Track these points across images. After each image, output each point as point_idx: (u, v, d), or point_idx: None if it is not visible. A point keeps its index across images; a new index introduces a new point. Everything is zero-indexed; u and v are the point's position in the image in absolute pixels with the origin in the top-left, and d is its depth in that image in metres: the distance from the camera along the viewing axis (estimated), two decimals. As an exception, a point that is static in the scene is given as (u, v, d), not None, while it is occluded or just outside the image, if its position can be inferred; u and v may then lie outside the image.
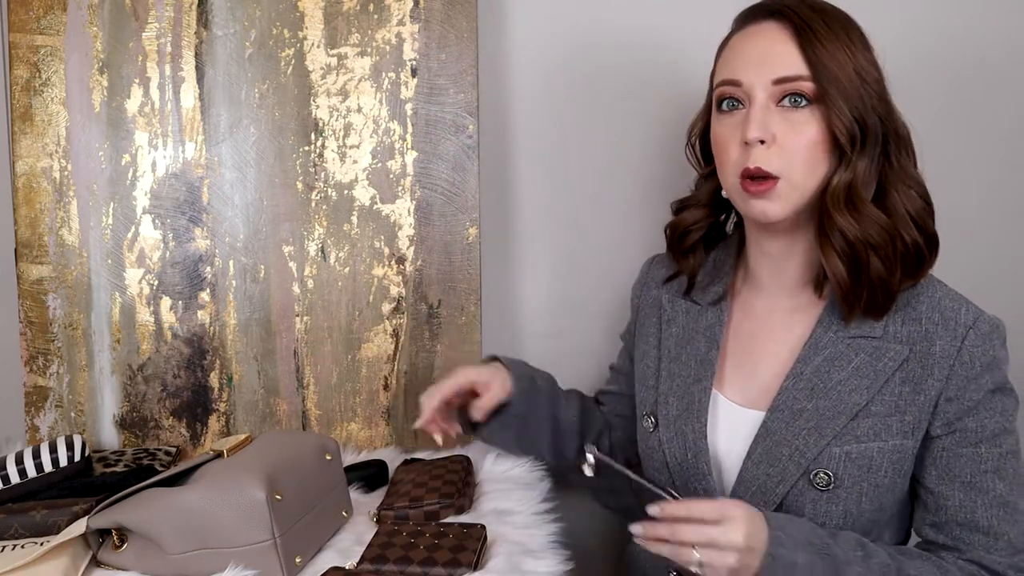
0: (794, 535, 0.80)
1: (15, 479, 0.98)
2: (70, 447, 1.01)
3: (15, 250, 1.16)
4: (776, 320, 0.94)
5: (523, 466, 1.10)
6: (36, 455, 1.00)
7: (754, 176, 0.85)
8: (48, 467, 1.00)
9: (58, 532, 0.88)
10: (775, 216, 0.86)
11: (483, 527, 0.88)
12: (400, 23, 1.17)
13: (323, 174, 1.18)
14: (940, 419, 0.86)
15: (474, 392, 1.02)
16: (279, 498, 0.84)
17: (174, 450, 1.15)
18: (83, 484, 1.01)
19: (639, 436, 1.02)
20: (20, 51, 1.15)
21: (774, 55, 0.85)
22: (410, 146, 1.19)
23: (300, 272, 1.19)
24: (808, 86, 0.83)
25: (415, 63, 1.18)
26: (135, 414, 1.18)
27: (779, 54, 0.85)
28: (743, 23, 0.90)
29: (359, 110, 1.18)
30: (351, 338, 1.20)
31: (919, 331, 0.86)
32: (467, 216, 1.19)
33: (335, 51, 1.17)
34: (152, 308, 1.18)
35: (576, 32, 1.31)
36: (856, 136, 0.83)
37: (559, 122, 1.34)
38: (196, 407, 1.19)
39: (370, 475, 1.08)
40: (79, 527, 0.85)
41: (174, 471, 0.91)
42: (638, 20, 1.28)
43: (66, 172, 1.16)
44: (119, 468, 1.06)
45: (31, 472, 0.99)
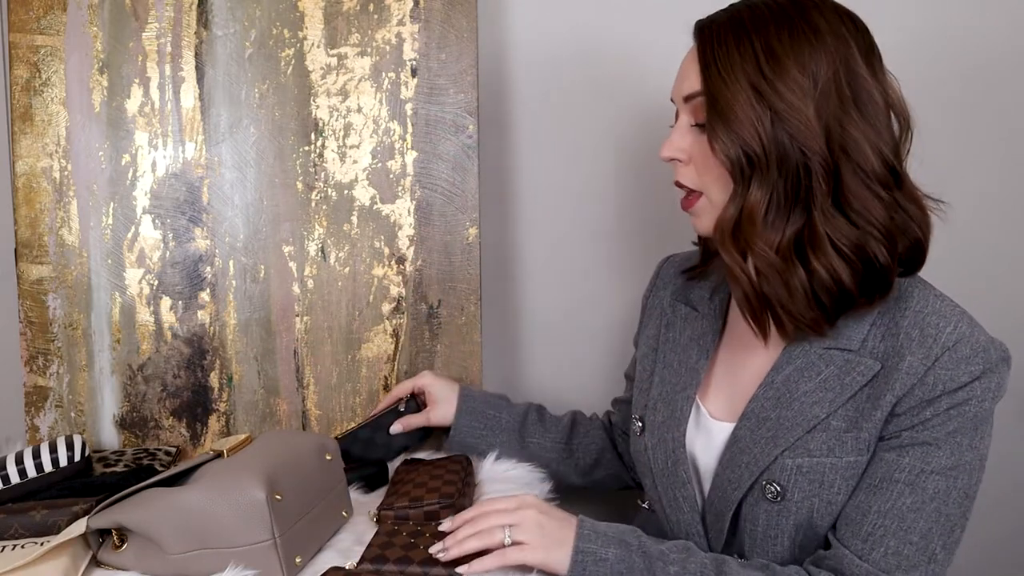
0: (605, 533, 0.80)
1: (15, 479, 0.98)
2: (70, 447, 1.01)
3: (15, 250, 1.16)
4: (772, 330, 0.91)
5: (523, 466, 1.10)
6: (36, 455, 1.00)
7: (681, 188, 0.87)
8: (48, 467, 1.00)
9: (58, 532, 0.88)
10: (703, 230, 0.87)
11: None
12: (400, 23, 1.17)
13: (323, 174, 1.18)
14: (884, 432, 0.81)
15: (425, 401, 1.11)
16: (279, 498, 0.84)
17: (174, 450, 1.15)
18: (83, 484, 1.00)
19: (630, 437, 1.02)
20: (20, 51, 1.15)
21: (686, 73, 0.85)
22: (410, 146, 1.19)
23: (300, 272, 1.19)
24: (702, 105, 0.81)
25: (415, 63, 1.18)
26: (135, 414, 1.18)
27: (688, 72, 0.84)
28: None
29: (359, 110, 1.18)
30: (351, 338, 1.20)
31: (895, 346, 0.80)
32: (467, 216, 1.19)
33: (335, 51, 1.17)
34: (152, 308, 1.18)
35: (576, 32, 1.31)
36: (742, 165, 0.78)
37: (559, 122, 1.34)
38: (196, 407, 1.19)
39: (370, 475, 1.08)
40: (79, 527, 0.85)
41: (174, 471, 0.91)
42: (638, 20, 1.28)
43: (66, 172, 1.16)
44: (119, 468, 1.06)
45: (31, 472, 0.99)
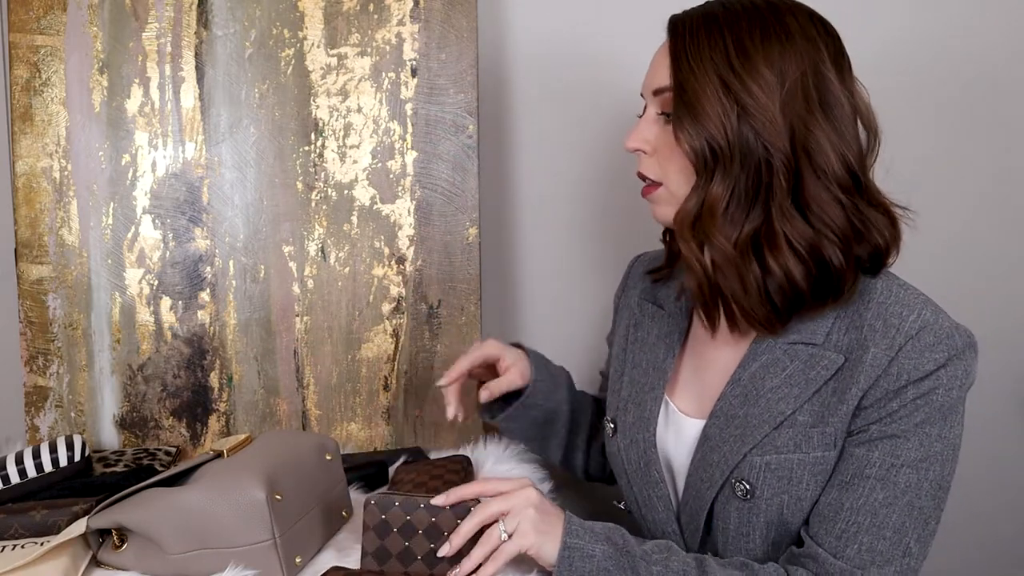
0: (592, 529, 0.80)
1: (15, 479, 0.98)
2: (70, 447, 1.01)
3: (15, 250, 1.16)
4: (735, 325, 0.90)
5: (524, 466, 1.10)
6: (36, 455, 1.00)
7: (643, 179, 0.88)
8: (48, 467, 1.00)
9: (58, 532, 0.88)
10: (663, 219, 0.88)
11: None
12: (400, 23, 1.17)
13: (323, 174, 1.18)
14: (852, 425, 0.80)
15: (494, 370, 1.03)
16: (279, 498, 0.84)
17: (174, 450, 1.15)
18: (83, 484, 1.00)
19: (604, 438, 1.02)
20: (20, 51, 1.15)
21: (656, 66, 0.85)
22: (410, 146, 1.19)
23: (300, 272, 1.19)
24: (670, 98, 0.82)
25: (415, 63, 1.18)
26: (135, 414, 1.18)
27: (659, 65, 0.85)
28: None
29: (359, 110, 1.18)
30: (351, 338, 1.20)
31: (858, 339, 0.80)
32: (467, 216, 1.19)
33: (335, 51, 1.17)
34: (152, 308, 1.18)
35: (576, 32, 1.31)
36: (706, 156, 0.79)
37: (559, 122, 1.34)
38: (196, 407, 1.19)
39: (370, 475, 1.08)
40: (79, 527, 0.85)
41: (174, 471, 0.91)
42: (638, 20, 1.28)
43: (66, 172, 1.16)
44: (119, 468, 1.06)
45: (31, 472, 0.99)
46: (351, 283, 1.19)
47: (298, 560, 0.86)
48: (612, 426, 0.98)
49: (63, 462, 1.01)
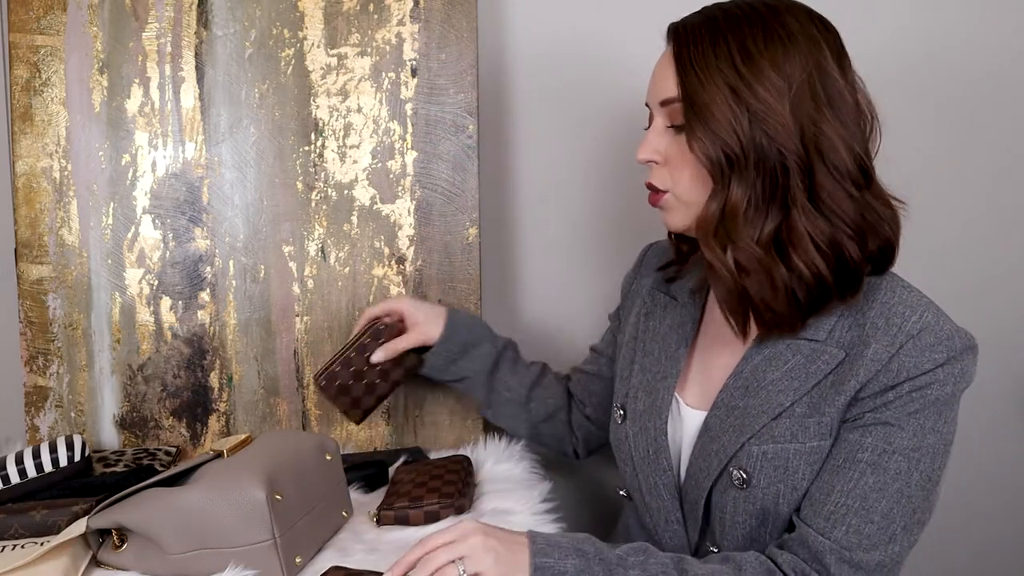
0: (560, 544, 0.78)
1: (15, 479, 0.98)
2: (70, 447, 1.01)
3: (15, 250, 1.16)
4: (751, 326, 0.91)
5: (523, 466, 1.10)
6: (36, 455, 1.00)
7: (651, 189, 0.89)
8: (48, 467, 1.00)
9: (58, 532, 0.88)
10: (674, 226, 0.89)
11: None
12: (400, 23, 1.17)
13: (323, 174, 1.18)
14: (847, 414, 0.82)
15: (402, 326, 1.10)
16: (279, 498, 0.84)
17: (174, 450, 1.15)
18: (83, 484, 1.00)
19: (611, 425, 1.03)
20: (20, 51, 1.15)
21: (661, 77, 0.86)
22: (410, 146, 1.19)
23: (300, 272, 1.19)
24: (679, 109, 0.83)
25: (415, 63, 1.18)
26: (135, 414, 1.18)
27: (663, 76, 0.85)
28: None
29: (359, 110, 1.18)
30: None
31: (860, 336, 0.82)
32: (467, 216, 1.19)
33: (335, 51, 1.17)
34: (152, 308, 1.18)
35: (576, 32, 1.31)
36: (721, 164, 0.80)
37: (559, 122, 1.34)
38: (196, 407, 1.19)
39: (370, 475, 1.08)
40: (79, 527, 0.85)
41: (174, 471, 0.91)
42: (638, 20, 1.28)
43: (66, 172, 1.16)
44: (119, 468, 1.06)
45: (31, 472, 0.99)
46: (351, 283, 1.19)
47: (298, 560, 0.86)
48: (621, 412, 0.99)
49: (63, 462, 1.01)
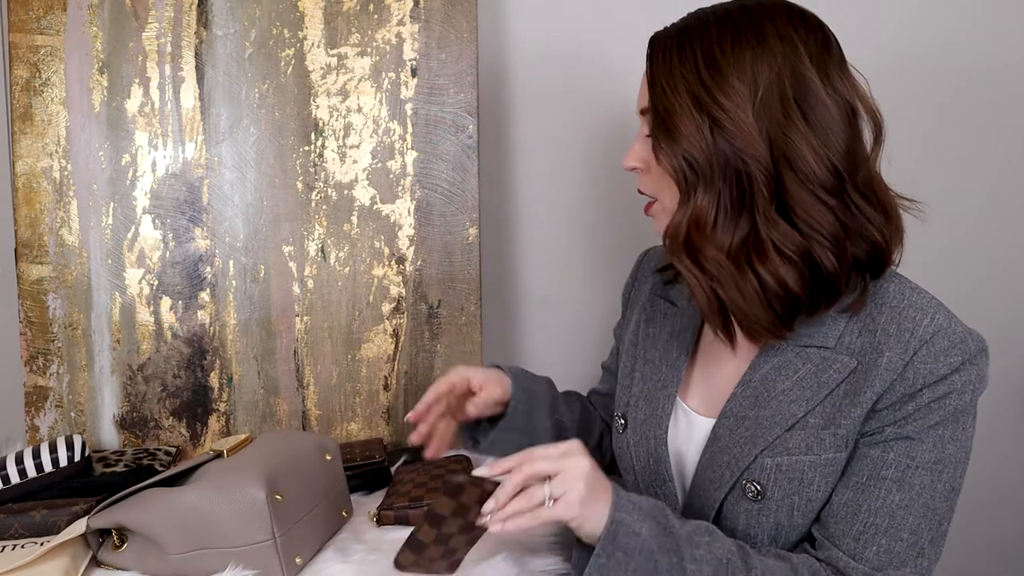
0: (640, 505, 0.78)
1: (15, 479, 0.98)
2: (70, 447, 1.01)
3: (15, 250, 1.16)
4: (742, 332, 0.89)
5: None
6: (36, 455, 1.00)
7: (643, 195, 0.89)
8: (48, 467, 1.00)
9: (58, 532, 0.88)
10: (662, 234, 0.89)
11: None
12: (400, 23, 1.17)
13: (323, 174, 1.18)
14: (865, 427, 0.80)
15: (471, 392, 1.00)
16: (279, 498, 0.84)
17: (174, 450, 1.15)
18: (83, 484, 1.00)
19: (612, 434, 1.01)
20: (20, 51, 1.15)
21: (642, 86, 0.86)
22: (410, 146, 1.18)
23: (300, 272, 1.19)
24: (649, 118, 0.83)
25: (415, 63, 1.18)
26: (135, 414, 1.18)
27: (643, 85, 0.85)
28: None
29: (359, 110, 1.18)
30: (351, 338, 1.20)
31: (872, 342, 0.80)
32: (467, 216, 1.19)
33: (335, 51, 1.17)
34: (152, 308, 1.18)
35: (576, 32, 1.31)
36: (685, 174, 0.79)
37: (559, 122, 1.34)
38: (196, 407, 1.19)
39: (370, 476, 1.08)
40: (79, 527, 0.85)
41: (174, 471, 0.91)
42: (637, 21, 1.28)
43: (66, 172, 1.16)
44: (119, 468, 1.06)
45: (31, 472, 0.99)
46: (351, 283, 1.19)
47: (298, 560, 0.86)
48: (623, 422, 0.98)
49: (63, 462, 1.01)
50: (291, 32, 1.17)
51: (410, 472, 1.05)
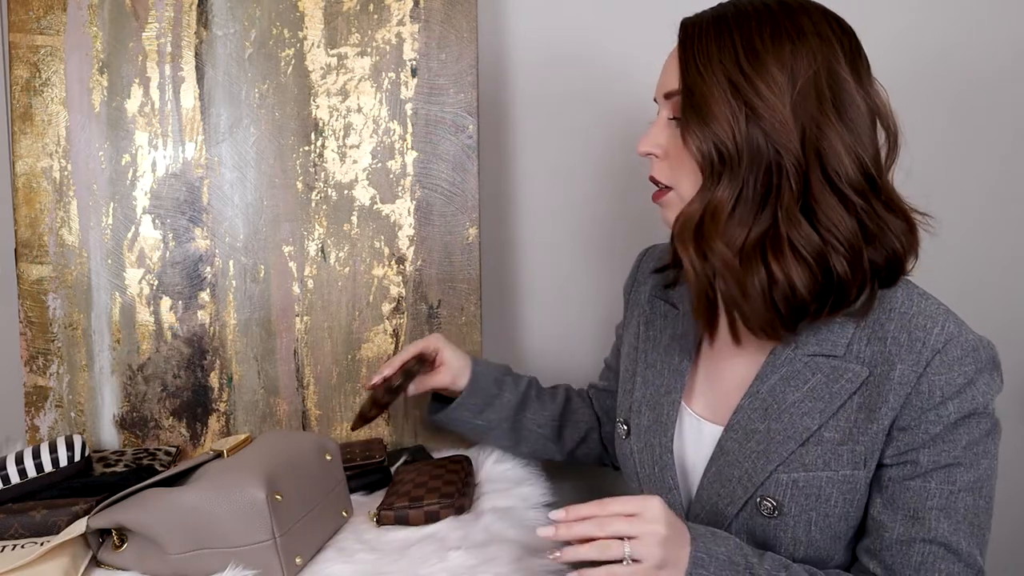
0: (717, 554, 0.76)
1: (15, 479, 0.98)
2: (70, 447, 1.01)
3: (15, 250, 1.16)
4: (743, 333, 0.87)
5: (524, 466, 1.10)
6: (36, 455, 1.00)
7: (655, 184, 0.87)
8: (48, 467, 1.00)
9: (58, 532, 0.88)
10: (671, 223, 0.87)
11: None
12: (400, 23, 1.17)
13: (323, 174, 1.18)
14: (892, 448, 0.79)
15: (434, 363, 1.07)
16: (279, 498, 0.84)
17: (174, 450, 1.15)
18: (83, 484, 1.00)
19: (615, 439, 1.00)
20: (20, 51, 1.14)
21: (667, 70, 0.84)
22: (410, 146, 1.18)
23: (300, 272, 1.19)
24: (679, 101, 0.81)
25: (415, 63, 1.18)
26: (135, 414, 1.18)
27: (670, 69, 0.84)
28: None
29: (359, 110, 1.18)
30: (351, 338, 1.20)
31: (883, 352, 0.79)
32: (467, 216, 1.19)
33: (335, 51, 1.17)
34: (152, 308, 1.18)
35: (576, 32, 1.31)
36: (713, 160, 0.77)
37: (559, 122, 1.34)
38: (196, 407, 1.19)
39: (371, 479, 1.08)
40: (79, 527, 0.85)
41: (174, 471, 0.91)
42: (637, 21, 1.28)
43: (66, 172, 1.16)
44: (119, 468, 1.06)
45: (31, 472, 0.99)
46: (351, 283, 1.19)
47: (298, 560, 0.86)
48: (625, 428, 0.96)
49: (63, 462, 1.01)
50: (291, 32, 1.17)
51: (410, 472, 1.05)
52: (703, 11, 0.83)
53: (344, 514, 0.97)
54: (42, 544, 0.86)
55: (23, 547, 0.87)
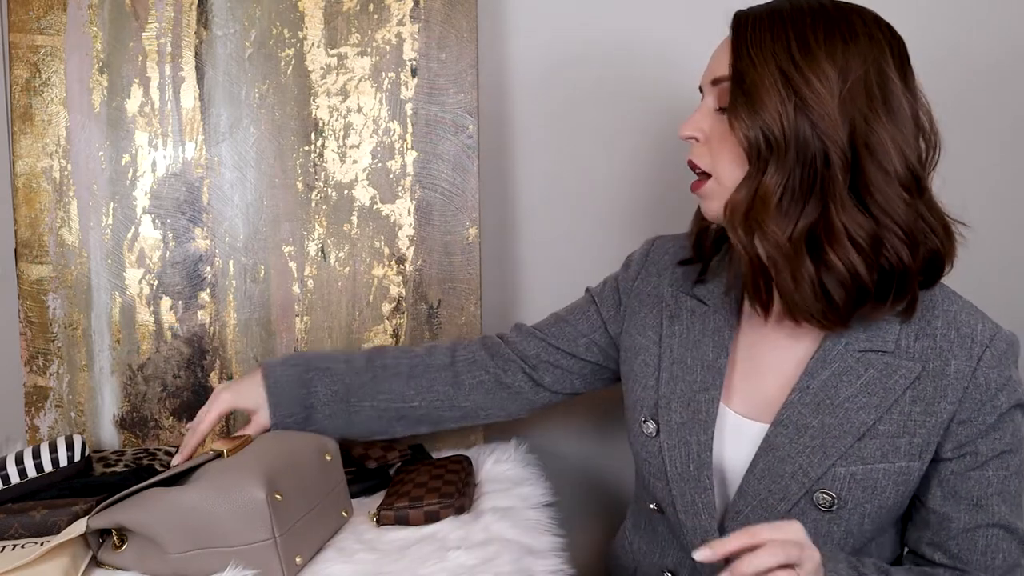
0: (841, 572, 0.77)
1: (15, 479, 0.98)
2: (70, 447, 1.01)
3: (15, 250, 1.16)
4: (783, 329, 0.88)
5: (524, 466, 1.10)
6: (36, 455, 1.00)
7: (693, 169, 0.87)
8: (48, 467, 1.00)
9: (58, 532, 0.88)
10: (712, 215, 0.87)
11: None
12: (400, 23, 1.17)
13: (323, 174, 1.18)
14: (952, 441, 0.83)
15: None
16: (279, 498, 0.84)
17: (174, 450, 1.15)
18: (83, 484, 1.00)
19: (634, 438, 0.97)
20: (20, 51, 1.15)
21: (717, 58, 0.86)
22: (410, 146, 1.19)
23: (300, 272, 1.19)
24: (727, 88, 0.82)
25: (415, 63, 1.18)
26: (135, 414, 1.18)
27: (720, 57, 0.85)
28: None
29: (359, 110, 1.18)
30: (351, 338, 1.20)
31: (933, 348, 0.83)
32: (467, 216, 1.19)
33: (335, 51, 1.17)
34: (152, 308, 1.18)
35: (576, 32, 1.31)
36: (760, 147, 0.78)
37: (559, 122, 1.34)
38: (196, 407, 1.18)
39: (371, 485, 1.08)
40: (79, 527, 0.85)
41: (174, 471, 0.91)
42: (638, 21, 1.28)
43: (66, 172, 1.16)
44: (119, 468, 1.06)
45: (31, 472, 0.99)
46: (351, 283, 1.19)
47: (298, 560, 0.86)
48: (654, 425, 0.93)
49: (63, 462, 1.01)
50: (291, 32, 1.17)
51: (410, 472, 1.05)
52: (756, 5, 0.84)
53: (344, 514, 0.97)
54: (42, 544, 0.86)
55: (23, 547, 0.87)
